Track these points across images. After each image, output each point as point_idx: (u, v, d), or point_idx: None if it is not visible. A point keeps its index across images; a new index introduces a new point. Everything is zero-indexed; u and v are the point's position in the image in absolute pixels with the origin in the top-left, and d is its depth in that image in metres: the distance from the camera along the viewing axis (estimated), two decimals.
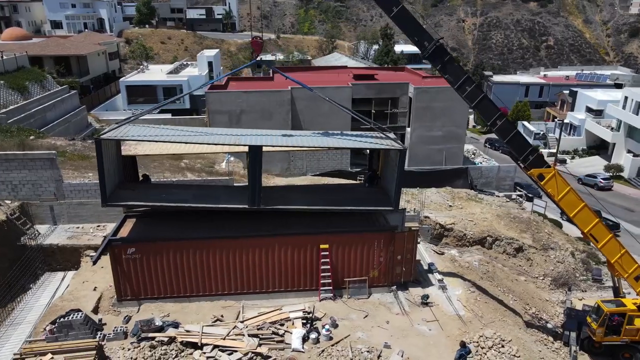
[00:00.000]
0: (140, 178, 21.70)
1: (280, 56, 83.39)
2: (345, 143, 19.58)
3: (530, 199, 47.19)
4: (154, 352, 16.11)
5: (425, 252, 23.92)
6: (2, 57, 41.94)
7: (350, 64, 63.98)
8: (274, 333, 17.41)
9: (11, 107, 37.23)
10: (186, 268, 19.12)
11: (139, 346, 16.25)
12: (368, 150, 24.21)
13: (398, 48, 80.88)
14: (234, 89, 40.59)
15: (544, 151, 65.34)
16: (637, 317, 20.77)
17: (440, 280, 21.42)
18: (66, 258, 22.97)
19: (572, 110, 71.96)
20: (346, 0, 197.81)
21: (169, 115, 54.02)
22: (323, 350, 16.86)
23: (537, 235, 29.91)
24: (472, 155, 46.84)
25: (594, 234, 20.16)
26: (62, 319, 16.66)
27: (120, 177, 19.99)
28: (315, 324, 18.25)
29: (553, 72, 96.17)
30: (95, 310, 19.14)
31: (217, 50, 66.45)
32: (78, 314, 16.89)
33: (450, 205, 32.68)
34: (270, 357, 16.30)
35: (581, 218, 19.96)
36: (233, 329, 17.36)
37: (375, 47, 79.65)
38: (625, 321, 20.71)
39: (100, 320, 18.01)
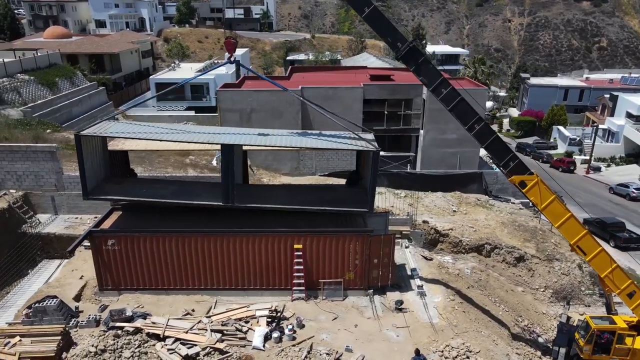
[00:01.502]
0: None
1: (310, 56, 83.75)
2: (317, 143, 19.53)
3: None
4: (117, 341, 16.67)
5: (411, 257, 23.50)
6: (34, 54, 44.30)
7: (375, 64, 63.49)
8: (237, 330, 17.61)
9: (39, 102, 39.31)
10: (163, 261, 19.63)
11: (104, 334, 16.84)
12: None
13: (430, 49, 79.36)
14: (247, 87, 41.18)
15: (578, 158, 62.57)
16: (628, 336, 19.62)
17: (419, 286, 20.99)
18: (63, 246, 23.98)
19: (612, 115, 68.47)
20: (388, 0, 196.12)
21: (192, 113, 55.57)
22: (282, 350, 16.93)
23: (541, 245, 28.69)
24: (490, 160, 45.36)
25: (581, 246, 19.21)
26: (37, 305, 17.52)
27: (107, 172, 20.76)
28: (282, 323, 18.33)
29: (597, 75, 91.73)
30: (77, 298, 19.99)
31: (246, 49, 67.63)
32: (52, 300, 17.71)
33: (455, 211, 31.88)
34: (227, 352, 16.52)
35: (567, 229, 19.06)
36: (198, 323, 17.70)
37: None
38: (615, 340, 19.61)
39: (77, 307, 18.78)
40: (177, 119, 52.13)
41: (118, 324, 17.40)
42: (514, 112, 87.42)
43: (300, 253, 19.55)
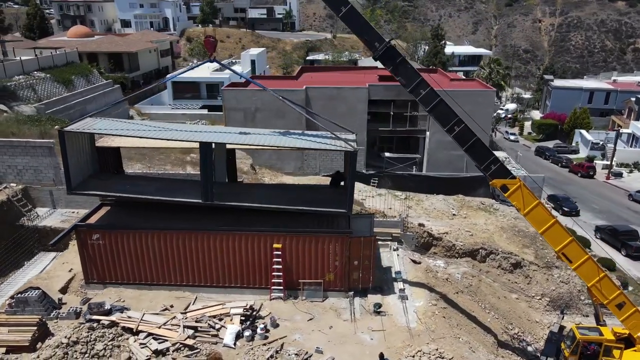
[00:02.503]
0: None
1: (328, 56, 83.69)
2: (295, 143, 19.48)
3: (567, 214, 44.14)
4: (92, 334, 17.02)
5: (397, 260, 23.19)
6: (51, 53, 45.69)
7: None
8: (210, 327, 17.77)
9: (53, 99, 40.51)
10: (146, 257, 19.94)
11: (79, 326, 17.23)
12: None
13: (449, 49, 78.15)
14: (254, 87, 41.45)
15: (600, 163, 60.52)
16: (615, 348, 18.90)
17: (401, 290, 20.71)
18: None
19: (638, 119, 66.03)
20: (415, 0, 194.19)
21: (205, 111, 56.30)
22: (252, 349, 16.98)
23: (541, 252, 27.93)
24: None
25: (567, 254, 18.61)
26: (19, 295, 18.07)
27: (95, 167, 21.23)
28: (257, 322, 18.40)
29: (626, 78, 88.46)
30: (64, 290, 20.52)
31: (263, 49, 68.10)
32: (34, 292, 18.22)
33: (454, 214, 31.37)
34: (196, 349, 16.67)
35: (551, 235, 18.49)
36: (172, 319, 17.93)
37: (426, 47, 77.59)
38: (602, 352, 18.92)
39: (60, 299, 19.29)
40: (189, 117, 52.90)
41: (95, 317, 17.77)
42: (537, 115, 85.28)
43: (280, 252, 19.56)
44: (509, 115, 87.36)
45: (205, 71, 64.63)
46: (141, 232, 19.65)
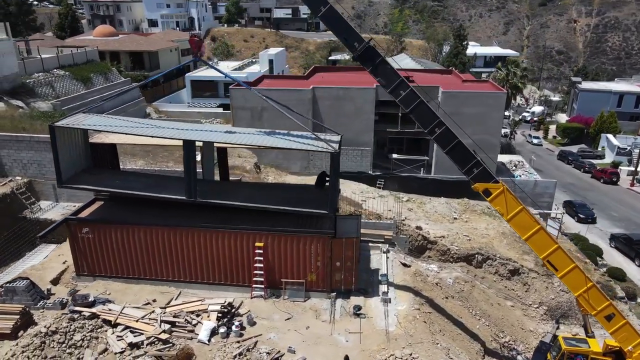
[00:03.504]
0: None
1: (346, 56, 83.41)
2: (276, 142, 19.49)
3: (583, 221, 42.80)
4: (72, 324, 17.50)
5: (386, 263, 22.93)
6: (72, 51, 47.21)
7: (409, 65, 62.23)
8: (187, 322, 18.02)
9: (70, 96, 41.83)
10: (133, 251, 20.36)
11: (60, 317, 17.75)
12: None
13: (472, 50, 76.64)
14: (264, 86, 41.76)
15: (625, 169, 58.33)
16: None
17: (384, 293, 20.48)
18: (58, 232, 25.42)
19: None
20: (444, 0, 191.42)
21: (220, 110, 57.05)
22: (224, 346, 17.13)
23: (539, 260, 27.07)
24: (514, 167, 43.28)
25: (552, 262, 18.04)
26: (7, 285, 18.75)
27: (89, 163, 21.81)
28: (234, 319, 18.53)
29: None
30: (56, 282, 21.18)
31: (282, 49, 68.56)
32: (22, 282, 18.88)
33: (455, 218, 30.81)
34: (169, 343, 16.94)
35: (536, 242, 17.95)
36: (151, 313, 18.26)
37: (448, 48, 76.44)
38: None
39: (48, 290, 19.91)
40: (204, 116, 53.72)
41: (77, 308, 18.28)
42: (563, 118, 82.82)
43: (261, 251, 19.65)
44: (535, 118, 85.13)
45: (226, 71, 65.57)
46: (128, 227, 20.08)
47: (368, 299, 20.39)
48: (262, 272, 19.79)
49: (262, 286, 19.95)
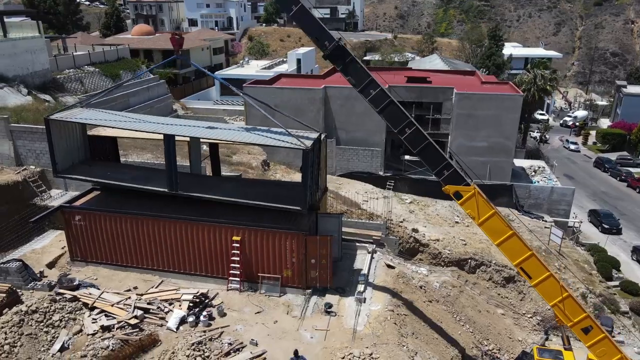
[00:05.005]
0: None
1: (375, 57, 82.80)
2: (251, 138, 19.82)
3: (607, 231, 40.83)
4: (52, 305, 18.58)
5: (368, 263, 22.79)
6: (103, 49, 49.55)
7: (438, 66, 61.27)
8: (160, 309, 18.71)
9: (98, 91, 43.87)
10: (119, 239, 21.29)
11: (43, 297, 18.86)
12: None
13: (507, 51, 74.18)
14: (280, 84, 42.36)
15: None
16: None
17: (359, 292, 20.43)
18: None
19: None
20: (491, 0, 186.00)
21: (243, 107, 58.04)
22: (190, 334, 17.66)
23: None
24: (533, 173, 41.68)
25: (525, 269, 17.46)
26: (1, 265, 20.10)
27: (86, 154, 22.98)
28: (206, 309, 19.05)
29: None
30: (51, 265, 22.46)
31: (311, 49, 68.85)
32: (15, 263, 20.17)
33: (457, 222, 30.18)
34: (138, 328, 17.67)
35: (508, 248, 17.42)
36: (127, 299, 19.08)
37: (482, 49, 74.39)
38: None
39: (41, 272, 21.16)
40: (228, 113, 54.98)
41: (61, 291, 19.37)
42: (606, 124, 78.87)
43: (238, 245, 20.08)
44: (576, 123, 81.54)
45: (252, 69, 66.85)
46: (115, 216, 21.03)
47: (343, 298, 20.41)
48: (238, 265, 20.21)
49: (238, 279, 20.37)
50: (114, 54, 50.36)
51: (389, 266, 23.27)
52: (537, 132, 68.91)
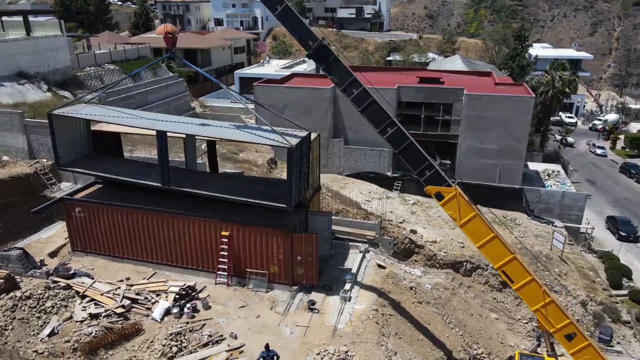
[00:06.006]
0: None
1: (397, 57, 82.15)
2: (237, 136, 20.09)
3: (624, 238, 39.52)
4: (46, 292, 19.40)
5: (358, 262, 22.82)
6: (124, 47, 51.00)
7: (458, 66, 60.43)
8: (147, 300, 19.28)
9: (116, 89, 45.24)
10: (116, 231, 22.06)
11: (38, 284, 19.70)
12: None
13: (534, 52, 72.28)
14: (292, 84, 42.69)
15: None
16: None
17: (344, 291, 20.51)
18: None
19: None
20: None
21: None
22: (172, 325, 18.14)
23: (540, 273, 25.55)
24: (547, 177, 40.58)
25: (507, 272, 17.23)
26: (3, 253, 21.09)
27: (90, 149, 23.85)
28: (192, 302, 19.52)
29: None
30: (54, 254, 23.42)
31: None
32: (16, 251, 21.13)
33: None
34: (123, 316, 18.28)
35: (490, 251, 17.24)
36: (117, 289, 19.73)
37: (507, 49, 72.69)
38: None
39: (42, 260, 22.09)
40: (244, 111, 55.67)
41: (56, 279, 20.19)
42: (636, 128, 76.08)
43: (227, 240, 20.49)
44: (606, 127, 78.91)
45: (271, 68, 67.50)
46: (111, 209, 21.79)
47: (329, 296, 20.56)
48: (226, 259, 20.63)
49: (226, 273, 20.78)
50: (134, 52, 51.79)
51: (380, 266, 23.26)
52: (558, 135, 67.08)
